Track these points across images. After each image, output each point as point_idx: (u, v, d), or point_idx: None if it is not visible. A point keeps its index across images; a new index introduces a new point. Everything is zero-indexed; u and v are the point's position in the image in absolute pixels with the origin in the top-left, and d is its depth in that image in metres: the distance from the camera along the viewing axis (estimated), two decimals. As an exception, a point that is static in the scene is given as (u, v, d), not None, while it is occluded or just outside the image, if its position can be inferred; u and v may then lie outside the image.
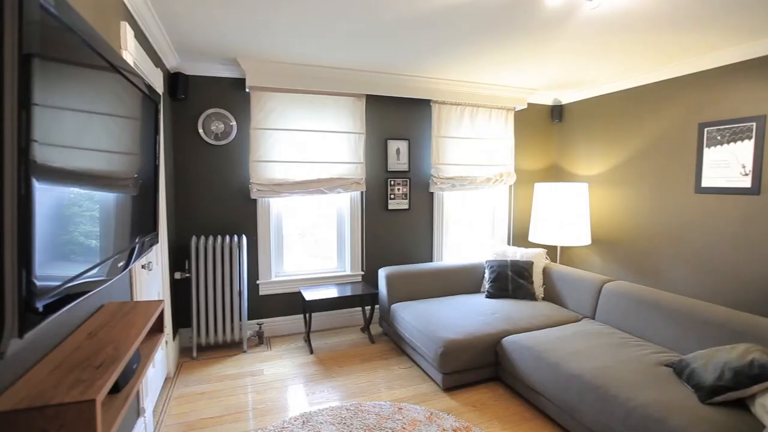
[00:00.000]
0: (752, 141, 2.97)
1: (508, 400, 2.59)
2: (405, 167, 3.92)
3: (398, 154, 3.88)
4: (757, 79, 2.93)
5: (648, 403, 1.82)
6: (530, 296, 3.38)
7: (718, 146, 3.17)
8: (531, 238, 4.10)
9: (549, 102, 4.57)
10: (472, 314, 3.01)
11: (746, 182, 3.01)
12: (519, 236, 4.53)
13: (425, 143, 4.00)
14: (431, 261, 4.11)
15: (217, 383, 2.81)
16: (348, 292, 3.44)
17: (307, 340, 3.36)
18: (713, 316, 2.33)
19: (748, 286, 3.01)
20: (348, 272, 3.83)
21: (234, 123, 3.38)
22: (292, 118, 3.47)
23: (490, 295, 3.44)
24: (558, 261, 4.22)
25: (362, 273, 3.86)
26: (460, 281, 3.66)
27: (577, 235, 3.84)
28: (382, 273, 3.51)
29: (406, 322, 3.07)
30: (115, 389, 1.21)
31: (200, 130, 3.29)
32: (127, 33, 1.93)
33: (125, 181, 1.36)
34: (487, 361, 2.73)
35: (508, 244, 4.46)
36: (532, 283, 3.42)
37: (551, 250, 4.52)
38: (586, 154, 4.31)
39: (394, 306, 3.33)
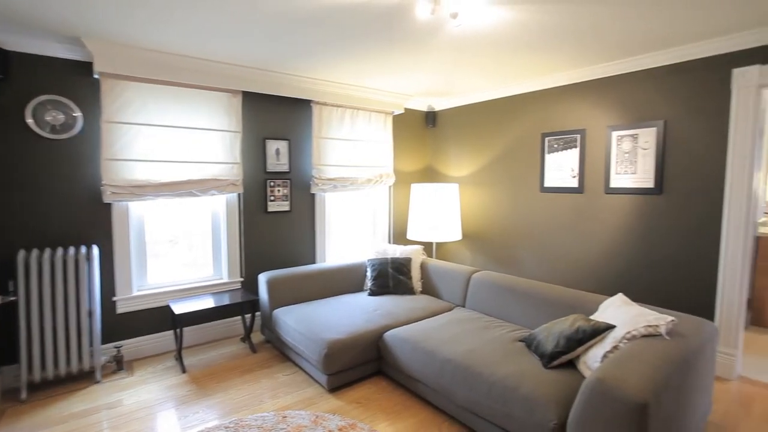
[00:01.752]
0: (578, 149, 3.61)
1: (391, 392, 2.70)
2: (285, 168, 3.81)
3: (278, 155, 3.76)
4: (581, 99, 3.58)
5: (506, 375, 2.08)
6: (410, 291, 3.58)
7: (556, 153, 3.77)
8: (409, 236, 4.35)
9: (424, 108, 4.92)
10: (355, 313, 3.06)
11: (575, 183, 3.64)
12: (398, 234, 4.77)
13: (306, 144, 3.94)
14: (314, 263, 4.07)
15: (57, 426, 2.34)
16: (225, 300, 3.20)
17: (179, 359, 3.03)
18: (554, 294, 2.77)
19: (579, 266, 3.65)
20: (226, 280, 3.57)
21: (79, 114, 2.88)
22: (157, 112, 3.10)
23: (372, 293, 3.55)
24: (434, 256, 4.55)
25: (241, 280, 3.64)
26: (344, 281, 3.70)
27: (450, 231, 4.20)
28: (263, 278, 3.36)
29: (288, 327, 2.98)
30: None
31: (29, 120, 2.72)
32: None
33: None
34: (370, 356, 2.81)
35: (389, 242, 4.66)
36: (411, 278, 3.63)
37: (428, 247, 4.87)
38: (456, 157, 4.74)
39: (276, 311, 3.21)
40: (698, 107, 2.93)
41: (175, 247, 3.43)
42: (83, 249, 2.75)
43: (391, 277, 3.58)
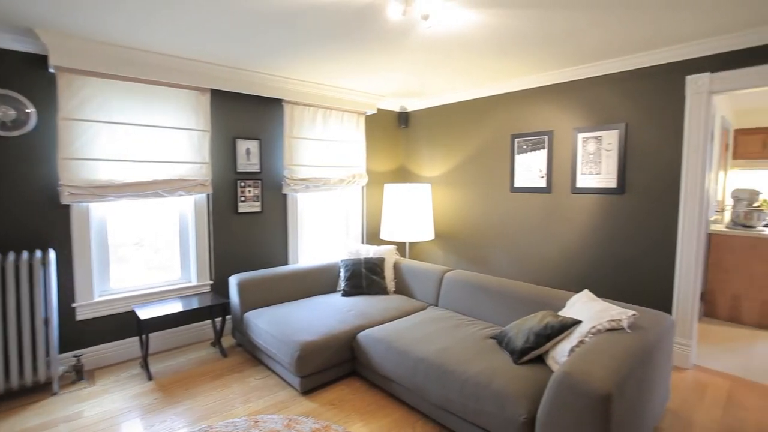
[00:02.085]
0: (546, 150, 3.72)
1: (365, 393, 2.70)
2: (256, 168, 3.74)
3: (248, 155, 3.68)
4: (549, 102, 3.69)
5: (478, 372, 2.11)
6: (383, 291, 3.58)
7: (525, 154, 3.87)
8: (382, 236, 4.36)
9: (396, 108, 4.94)
10: (328, 314, 3.04)
11: (543, 183, 3.75)
12: (372, 234, 4.77)
13: (277, 143, 3.88)
14: (287, 264, 4.01)
15: (12, 439, 2.21)
16: (194, 304, 3.11)
17: (144, 366, 2.92)
18: (523, 292, 2.84)
19: (547, 264, 3.76)
20: (195, 283, 3.46)
21: (32, 110, 2.72)
22: (120, 109, 2.97)
23: (346, 293, 3.53)
24: (407, 256, 4.58)
25: (211, 282, 3.54)
26: (317, 282, 3.66)
27: (423, 231, 4.23)
28: (233, 280, 3.28)
29: (260, 330, 2.93)
30: None
31: (-23, 117, 2.55)
32: None
33: None
34: (344, 357, 2.79)
35: (362, 242, 4.66)
36: (384, 278, 3.64)
37: (401, 246, 4.89)
38: (428, 157, 4.79)
39: (248, 314, 3.14)
40: (656, 111, 3.08)
41: (141, 250, 3.30)
42: (38, 253, 2.60)
43: (364, 278, 3.57)
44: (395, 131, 5.01)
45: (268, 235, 3.87)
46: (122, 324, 3.15)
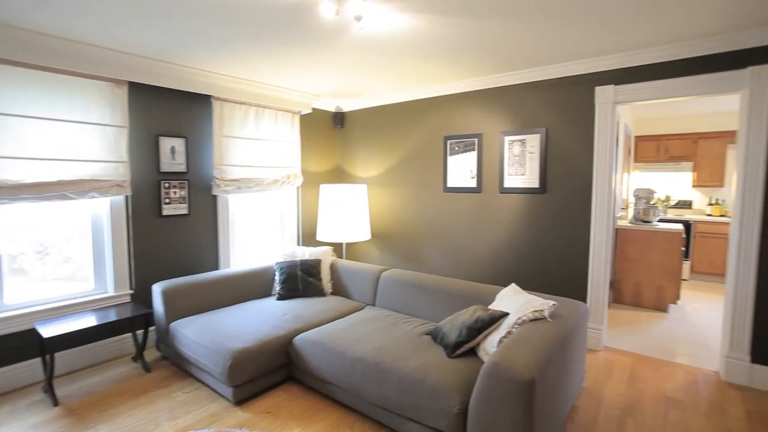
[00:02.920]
0: (476, 152, 3.91)
1: (302, 398, 2.64)
2: (183, 168, 3.51)
3: (174, 153, 3.44)
4: (478, 106, 3.88)
5: (413, 368, 2.16)
6: (320, 293, 3.54)
7: (457, 155, 4.04)
8: (319, 237, 4.31)
9: (332, 109, 4.90)
10: (263, 319, 2.94)
11: (474, 183, 3.94)
12: (308, 236, 4.69)
13: (206, 142, 3.67)
14: (218, 269, 3.81)
15: None
16: (111, 317, 2.84)
17: (49, 390, 2.60)
18: (457, 288, 2.96)
19: (478, 260, 3.96)
20: (111, 293, 3.16)
21: None
22: (16, 100, 2.62)
23: (281, 297, 3.43)
24: (344, 257, 4.57)
25: (131, 292, 3.25)
26: (251, 286, 3.52)
27: (359, 231, 4.25)
28: (157, 289, 3.05)
29: (189, 340, 2.75)
30: None
31: None
32: None
33: None
34: (280, 363, 2.72)
35: (298, 244, 4.57)
36: (321, 280, 3.59)
37: (337, 247, 4.87)
38: (364, 157, 4.81)
39: (174, 324, 2.94)
40: (571, 118, 3.37)
41: (46, 259, 2.94)
42: None
43: (300, 280, 3.50)
44: (331, 131, 4.97)
45: (197, 238, 3.65)
46: (21, 344, 2.79)
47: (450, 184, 4.10)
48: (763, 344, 2.74)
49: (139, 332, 3.25)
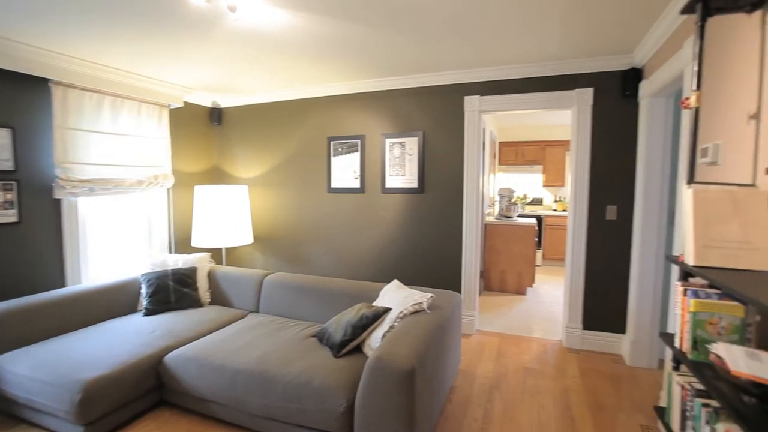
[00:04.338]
0: (359, 153, 4.00)
1: (176, 422, 2.38)
2: (9, 166, 2.87)
3: (-5, 148, 2.80)
4: (360, 108, 3.97)
5: (299, 372, 2.11)
6: (196, 303, 3.24)
7: (341, 156, 4.07)
8: (194, 243, 3.94)
9: (208, 104, 4.53)
10: (125, 339, 2.57)
11: (357, 183, 4.02)
12: (181, 242, 4.26)
13: (44, 135, 3.06)
14: (63, 286, 3.22)
15: None
16: None
17: None
18: (341, 287, 2.98)
19: (362, 259, 4.05)
20: None
21: None
22: None
23: (149, 312, 3.05)
24: (224, 263, 4.27)
25: (-67, 323, 2.55)
26: (110, 303, 3.05)
27: (240, 235, 4.00)
28: (-26, 316, 2.44)
29: (19, 378, 2.24)
30: None
31: None
32: None
33: None
34: (148, 387, 2.41)
35: (170, 252, 4.12)
36: (197, 289, 3.29)
37: (216, 253, 4.52)
38: (244, 157, 4.56)
39: None
40: (445, 123, 3.66)
41: None
42: None
43: (172, 291, 3.16)
44: (207, 128, 4.59)
45: (31, 252, 3.02)
46: None
47: (334, 184, 4.12)
48: (591, 313, 3.35)
49: (-52, 373, 2.56)
